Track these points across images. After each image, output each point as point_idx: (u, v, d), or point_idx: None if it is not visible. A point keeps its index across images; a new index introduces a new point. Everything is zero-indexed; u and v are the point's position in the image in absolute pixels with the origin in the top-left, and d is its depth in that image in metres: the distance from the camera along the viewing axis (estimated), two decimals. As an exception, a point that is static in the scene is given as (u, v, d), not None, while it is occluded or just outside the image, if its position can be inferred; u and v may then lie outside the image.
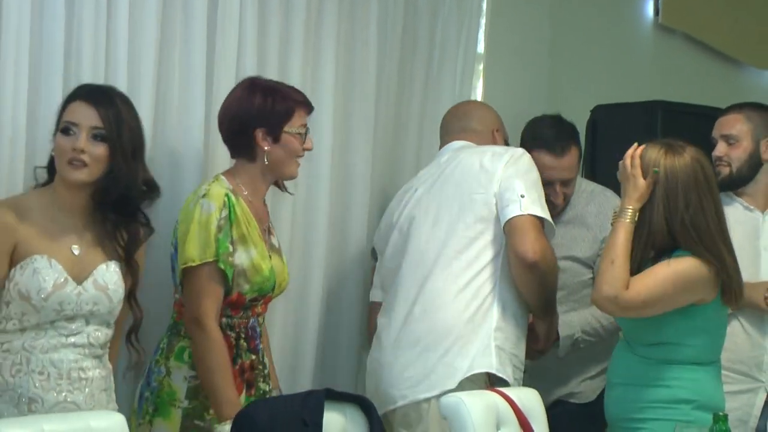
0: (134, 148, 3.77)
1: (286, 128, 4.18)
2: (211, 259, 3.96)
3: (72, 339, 3.72)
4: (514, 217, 4.40)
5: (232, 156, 4.31)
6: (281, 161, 4.22)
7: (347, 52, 5.20)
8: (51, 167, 3.81)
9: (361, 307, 5.13)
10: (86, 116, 3.68)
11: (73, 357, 3.70)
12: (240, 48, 4.73)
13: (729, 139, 4.96)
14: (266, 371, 4.26)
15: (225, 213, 4.03)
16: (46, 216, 3.76)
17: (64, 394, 3.66)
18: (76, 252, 3.74)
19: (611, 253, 4.13)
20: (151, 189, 3.91)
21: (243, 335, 4.17)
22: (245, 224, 4.10)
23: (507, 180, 4.48)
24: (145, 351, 4.02)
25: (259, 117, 4.18)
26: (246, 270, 4.08)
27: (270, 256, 4.21)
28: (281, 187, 4.44)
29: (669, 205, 4.21)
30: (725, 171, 4.97)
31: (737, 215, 4.90)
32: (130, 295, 3.87)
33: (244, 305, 4.14)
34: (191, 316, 3.97)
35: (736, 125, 4.98)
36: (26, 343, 3.68)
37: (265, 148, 4.15)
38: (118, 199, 3.79)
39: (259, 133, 4.14)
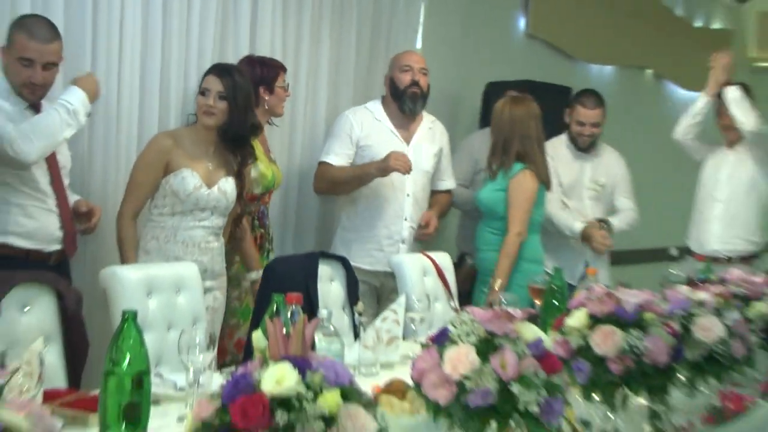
0: (245, 105, 4.69)
1: (276, 84, 5.33)
2: None
3: (202, 222, 4.69)
4: None
5: None
6: (275, 105, 5.36)
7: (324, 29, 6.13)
8: (196, 115, 4.74)
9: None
10: (214, 84, 4.65)
11: (202, 234, 4.69)
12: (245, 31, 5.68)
13: (596, 125, 6.23)
14: (270, 238, 5.34)
15: None
16: (192, 144, 4.69)
17: (195, 256, 4.62)
18: (210, 168, 4.69)
19: None
20: (255, 129, 4.85)
21: (256, 217, 5.25)
22: (255, 148, 5.04)
23: None
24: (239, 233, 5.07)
25: (260, 79, 5.26)
26: (256, 178, 5.13)
27: (270, 165, 5.24)
28: (270, 122, 5.46)
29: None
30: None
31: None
32: (239, 197, 4.81)
33: (256, 199, 5.19)
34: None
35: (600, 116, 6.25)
36: (174, 223, 4.64)
37: (266, 98, 5.28)
38: (233, 136, 4.73)
39: (261, 89, 5.24)
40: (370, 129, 5.65)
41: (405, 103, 5.64)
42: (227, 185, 4.76)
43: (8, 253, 4.25)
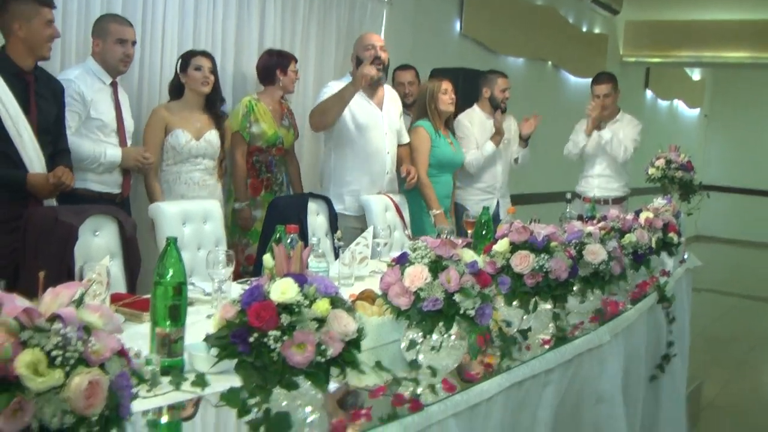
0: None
1: (289, 69, 5.27)
2: (237, 129, 5.06)
3: (198, 166, 4.75)
4: None
5: (261, 83, 5.32)
6: (287, 84, 5.28)
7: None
8: (180, 88, 4.74)
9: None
10: (206, 63, 4.71)
11: (199, 175, 4.75)
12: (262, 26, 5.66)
13: (505, 90, 6.09)
14: (279, 181, 5.23)
15: (245, 109, 5.07)
16: (181, 109, 4.71)
17: (196, 192, 4.70)
18: (197, 126, 4.73)
19: None
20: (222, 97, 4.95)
21: (263, 165, 5.17)
22: (260, 114, 5.10)
23: None
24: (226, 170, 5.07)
25: (278, 64, 5.25)
26: (258, 134, 5.09)
27: (278, 129, 5.16)
28: (284, 99, 5.36)
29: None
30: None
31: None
32: (222, 144, 4.85)
33: (262, 151, 5.14)
34: (230, 153, 5.06)
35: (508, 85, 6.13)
36: (177, 169, 4.71)
37: (281, 78, 5.23)
38: (215, 100, 4.84)
39: (278, 71, 5.22)
40: None
41: None
42: (211, 136, 4.80)
43: (86, 194, 4.25)
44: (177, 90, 4.81)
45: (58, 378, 1.29)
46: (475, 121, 6.14)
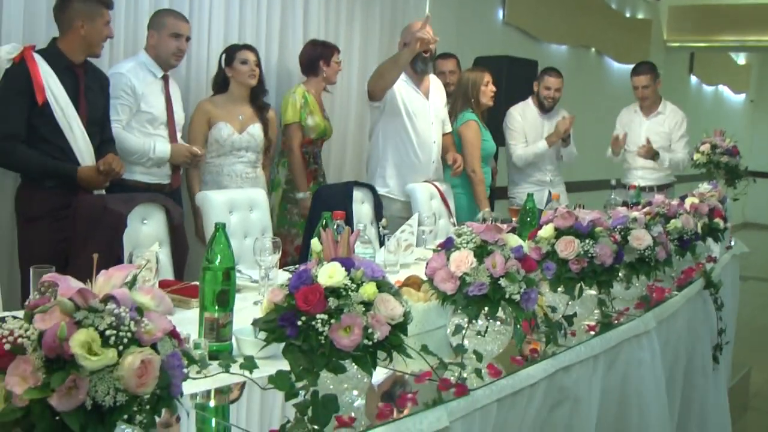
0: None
1: (332, 60, 5.28)
2: (297, 120, 5.11)
3: (241, 159, 4.79)
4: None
5: (304, 74, 5.32)
6: (330, 75, 5.29)
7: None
8: (225, 82, 4.80)
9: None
10: (252, 56, 4.77)
11: (241, 167, 4.79)
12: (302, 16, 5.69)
13: (558, 90, 6.12)
14: (323, 172, 5.32)
15: (303, 100, 5.12)
16: (225, 103, 4.76)
17: (238, 184, 4.72)
18: (240, 119, 4.78)
19: None
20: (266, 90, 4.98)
21: (311, 156, 5.24)
22: (312, 105, 5.15)
23: None
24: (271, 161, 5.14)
25: (321, 55, 5.26)
26: (312, 126, 5.14)
27: (323, 120, 5.23)
28: (326, 89, 5.41)
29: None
30: None
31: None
32: (265, 136, 4.87)
33: (312, 143, 5.20)
34: (288, 144, 5.13)
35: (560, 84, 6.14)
36: (220, 161, 4.76)
37: (324, 69, 5.24)
38: (259, 93, 4.88)
39: (321, 62, 5.23)
40: (396, 84, 5.16)
41: (417, 63, 5.14)
42: (255, 130, 4.82)
43: (136, 185, 4.29)
44: (221, 84, 4.86)
45: (112, 357, 1.31)
46: (527, 116, 6.20)
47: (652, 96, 6.54)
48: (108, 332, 1.33)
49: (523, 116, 6.22)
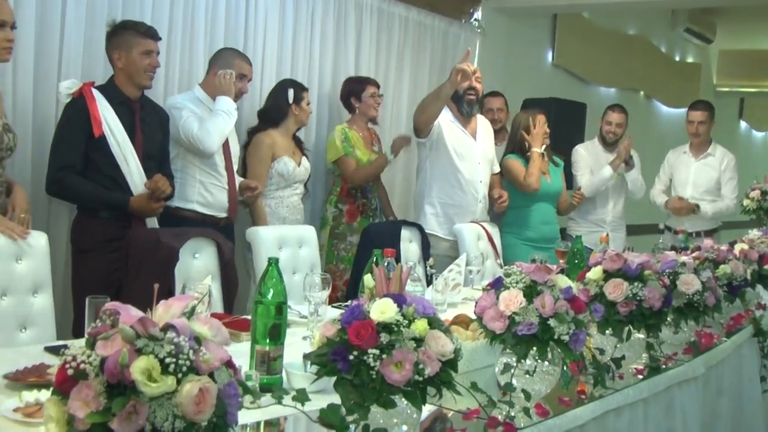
0: None
1: (363, 95, 5.32)
2: (343, 153, 5.16)
3: (296, 191, 4.92)
4: None
5: (348, 111, 5.41)
6: (364, 111, 5.34)
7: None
8: (280, 116, 4.87)
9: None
10: (308, 96, 4.95)
11: (296, 199, 4.92)
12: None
13: (620, 125, 6.20)
14: (373, 207, 5.34)
15: (342, 135, 5.20)
16: (281, 138, 4.84)
17: (295, 215, 4.86)
18: (293, 153, 4.87)
19: None
20: None
21: (359, 191, 5.31)
22: (354, 140, 5.22)
23: None
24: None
25: (351, 91, 5.35)
26: (357, 159, 5.22)
27: (370, 155, 5.27)
28: (374, 122, 5.47)
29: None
30: None
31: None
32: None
33: None
34: (346, 175, 5.20)
35: (623, 119, 6.21)
36: (281, 194, 4.84)
37: (356, 104, 5.32)
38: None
39: (352, 99, 5.32)
40: (443, 124, 5.19)
41: (462, 105, 5.18)
42: (305, 163, 4.97)
43: (191, 216, 4.34)
44: (269, 118, 4.93)
45: (171, 384, 1.34)
46: (591, 151, 6.30)
47: (705, 135, 6.46)
48: (167, 360, 1.36)
49: (588, 151, 6.33)
